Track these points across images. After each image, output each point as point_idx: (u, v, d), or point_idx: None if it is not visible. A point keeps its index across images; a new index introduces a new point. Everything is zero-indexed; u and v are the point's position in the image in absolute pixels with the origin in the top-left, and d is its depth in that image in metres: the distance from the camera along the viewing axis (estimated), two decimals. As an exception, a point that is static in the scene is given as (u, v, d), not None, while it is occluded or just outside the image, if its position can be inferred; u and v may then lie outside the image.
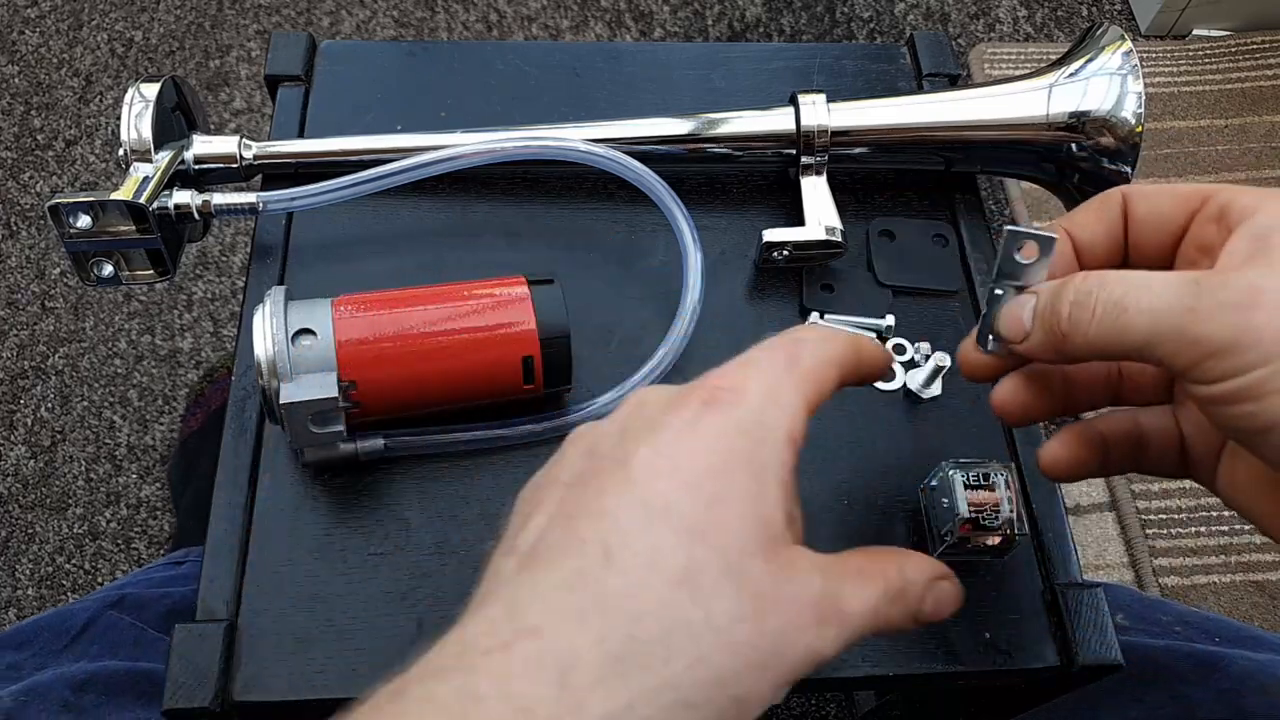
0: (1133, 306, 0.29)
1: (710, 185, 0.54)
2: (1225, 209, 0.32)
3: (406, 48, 0.59)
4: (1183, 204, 0.33)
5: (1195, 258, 0.33)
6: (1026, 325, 0.33)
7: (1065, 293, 0.32)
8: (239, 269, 1.11)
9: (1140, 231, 0.35)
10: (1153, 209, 0.34)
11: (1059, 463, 0.37)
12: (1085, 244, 0.36)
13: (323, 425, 0.40)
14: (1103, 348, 0.31)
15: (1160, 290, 0.29)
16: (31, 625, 0.53)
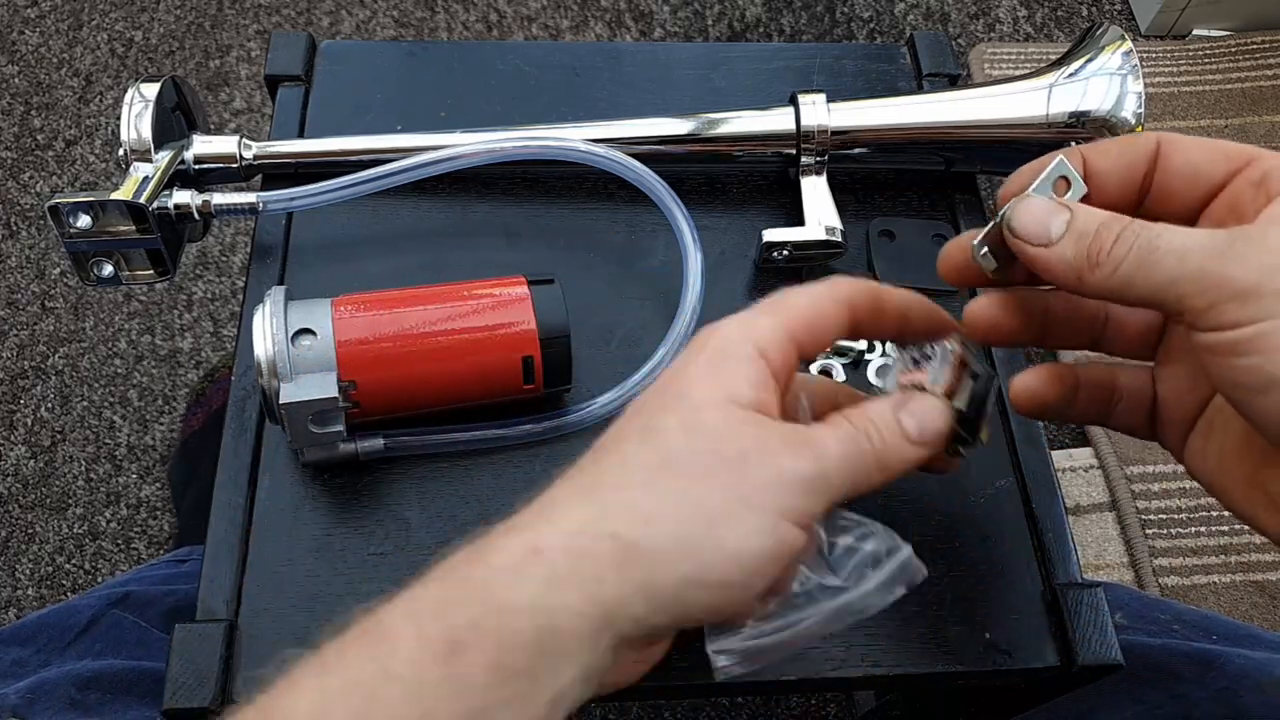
0: (1163, 246, 0.29)
1: (710, 185, 0.54)
2: (1269, 174, 0.31)
3: (406, 48, 0.59)
4: (1224, 162, 0.32)
5: (1224, 218, 0.32)
6: (1053, 234, 0.32)
7: (1111, 224, 0.31)
8: (239, 269, 1.11)
9: (1172, 183, 0.34)
10: (1190, 161, 0.33)
11: (1027, 392, 0.37)
12: (1099, 175, 0.34)
13: (323, 425, 0.40)
14: (1124, 287, 0.30)
15: (1193, 234, 0.29)
16: (35, 621, 0.54)
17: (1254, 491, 0.33)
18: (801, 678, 0.40)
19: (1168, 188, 0.34)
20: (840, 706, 0.90)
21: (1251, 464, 0.33)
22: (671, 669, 0.40)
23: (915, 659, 0.41)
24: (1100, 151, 0.35)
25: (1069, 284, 0.33)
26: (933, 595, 0.42)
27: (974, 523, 0.44)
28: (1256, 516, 0.33)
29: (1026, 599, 0.43)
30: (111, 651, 0.52)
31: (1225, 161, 0.32)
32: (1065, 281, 0.33)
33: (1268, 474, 0.32)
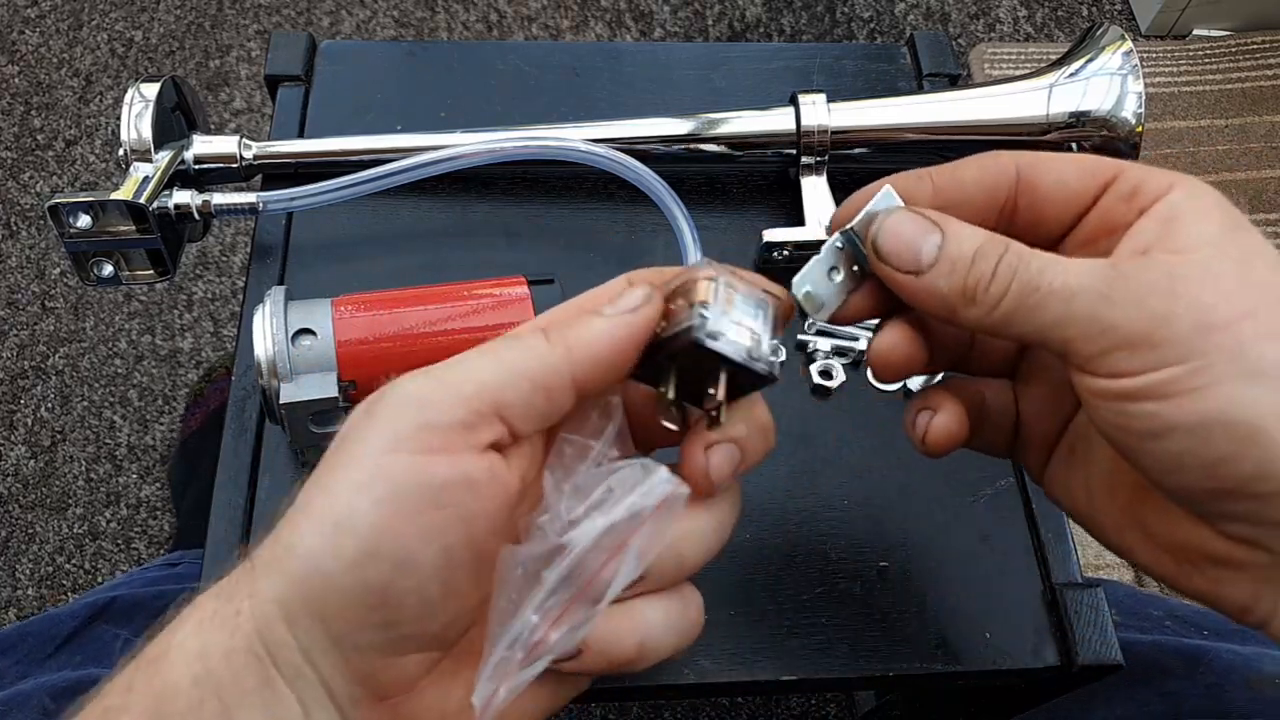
0: (1046, 285, 0.27)
1: (710, 185, 0.54)
2: (1138, 187, 0.29)
3: (406, 48, 0.59)
4: (1091, 177, 0.30)
5: (1097, 234, 0.30)
6: (924, 260, 0.29)
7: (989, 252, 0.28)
8: (239, 269, 1.11)
9: (1042, 204, 0.31)
10: (1060, 181, 0.30)
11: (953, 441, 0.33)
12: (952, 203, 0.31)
13: (323, 425, 0.40)
14: (1003, 325, 0.28)
15: (1077, 271, 0.27)
16: (17, 631, 0.53)
17: (1128, 524, 0.31)
18: (801, 678, 0.40)
19: (1038, 209, 0.31)
20: (840, 706, 0.90)
21: (1124, 497, 0.31)
22: (671, 669, 0.40)
23: (915, 659, 0.41)
24: (952, 177, 0.31)
25: (940, 316, 0.30)
26: (933, 595, 0.42)
27: (974, 523, 0.44)
28: (1130, 549, 0.31)
29: (1026, 599, 0.43)
30: (92, 662, 0.51)
31: (1093, 178, 0.30)
32: (936, 314, 0.30)
33: (1144, 509, 0.30)
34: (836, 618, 0.42)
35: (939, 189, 0.31)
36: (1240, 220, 0.28)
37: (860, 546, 0.43)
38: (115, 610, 0.55)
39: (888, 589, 0.42)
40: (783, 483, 0.45)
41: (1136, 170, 0.29)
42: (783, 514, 0.44)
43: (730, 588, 0.42)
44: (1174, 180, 0.29)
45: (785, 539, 0.43)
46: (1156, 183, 0.29)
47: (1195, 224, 0.27)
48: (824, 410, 0.47)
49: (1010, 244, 0.28)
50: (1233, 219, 0.28)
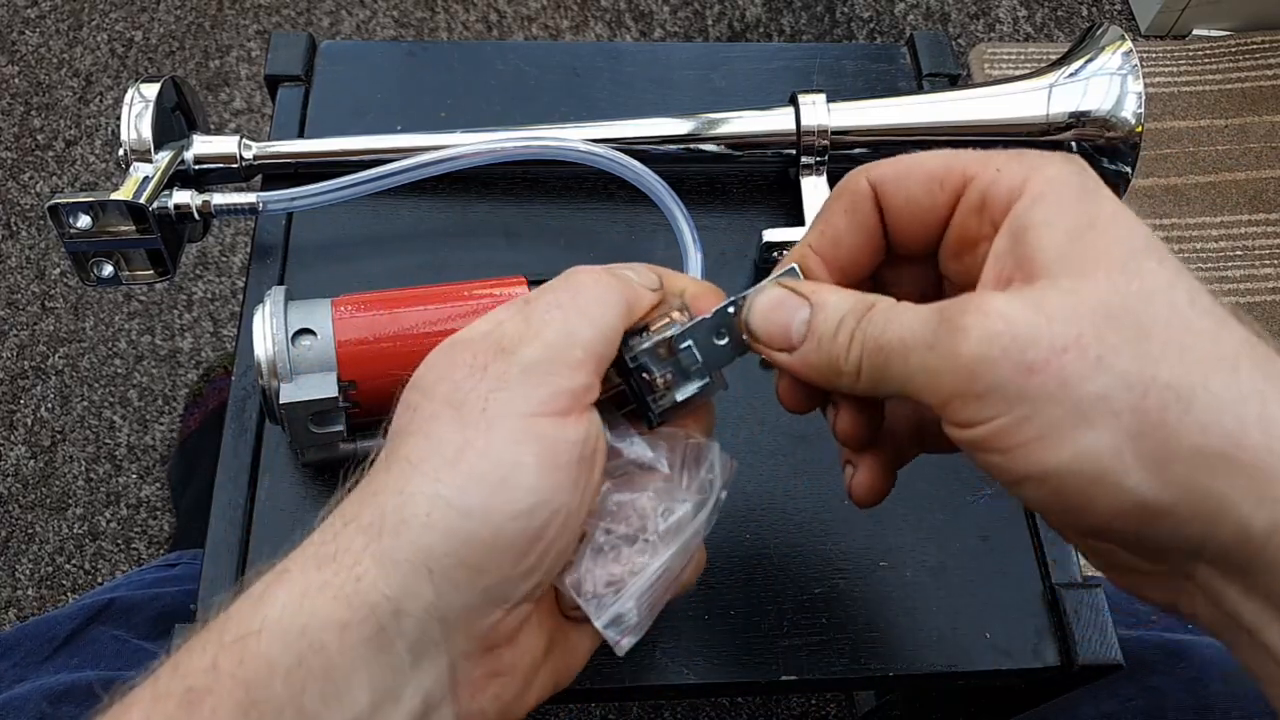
0: (886, 343, 0.27)
1: (710, 185, 0.54)
2: (987, 196, 0.27)
3: (406, 48, 0.59)
4: (937, 188, 0.29)
5: (960, 251, 0.29)
6: (795, 336, 0.29)
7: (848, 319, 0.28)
8: (239, 269, 1.11)
9: (899, 224, 0.30)
10: (909, 199, 0.29)
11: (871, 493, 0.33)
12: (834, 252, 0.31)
13: (323, 425, 0.40)
14: (874, 389, 0.28)
15: (909, 323, 0.26)
16: (14, 634, 0.53)
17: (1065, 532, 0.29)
18: (801, 678, 0.40)
19: (899, 230, 0.30)
20: (840, 706, 0.90)
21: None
22: (671, 669, 0.40)
23: (915, 659, 0.41)
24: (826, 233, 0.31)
25: (823, 387, 0.30)
26: (933, 595, 0.42)
27: (974, 523, 0.44)
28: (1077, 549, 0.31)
29: (1026, 599, 0.43)
30: (89, 664, 0.51)
31: (940, 188, 0.28)
32: (821, 386, 0.30)
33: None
34: (836, 618, 0.42)
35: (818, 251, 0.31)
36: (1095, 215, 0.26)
37: (860, 546, 0.43)
38: (113, 612, 0.55)
39: (888, 589, 0.42)
40: (783, 483, 0.45)
41: (985, 173, 0.28)
42: (783, 514, 0.44)
43: (730, 588, 0.42)
44: (1026, 175, 0.27)
45: (785, 539, 0.43)
46: (1007, 186, 0.27)
47: (1041, 236, 0.26)
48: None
49: (874, 304, 0.28)
50: (1085, 216, 0.26)
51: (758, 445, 0.46)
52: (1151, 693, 0.45)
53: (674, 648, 0.40)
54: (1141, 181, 1.17)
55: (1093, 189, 0.26)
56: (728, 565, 0.43)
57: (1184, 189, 1.17)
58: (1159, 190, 1.17)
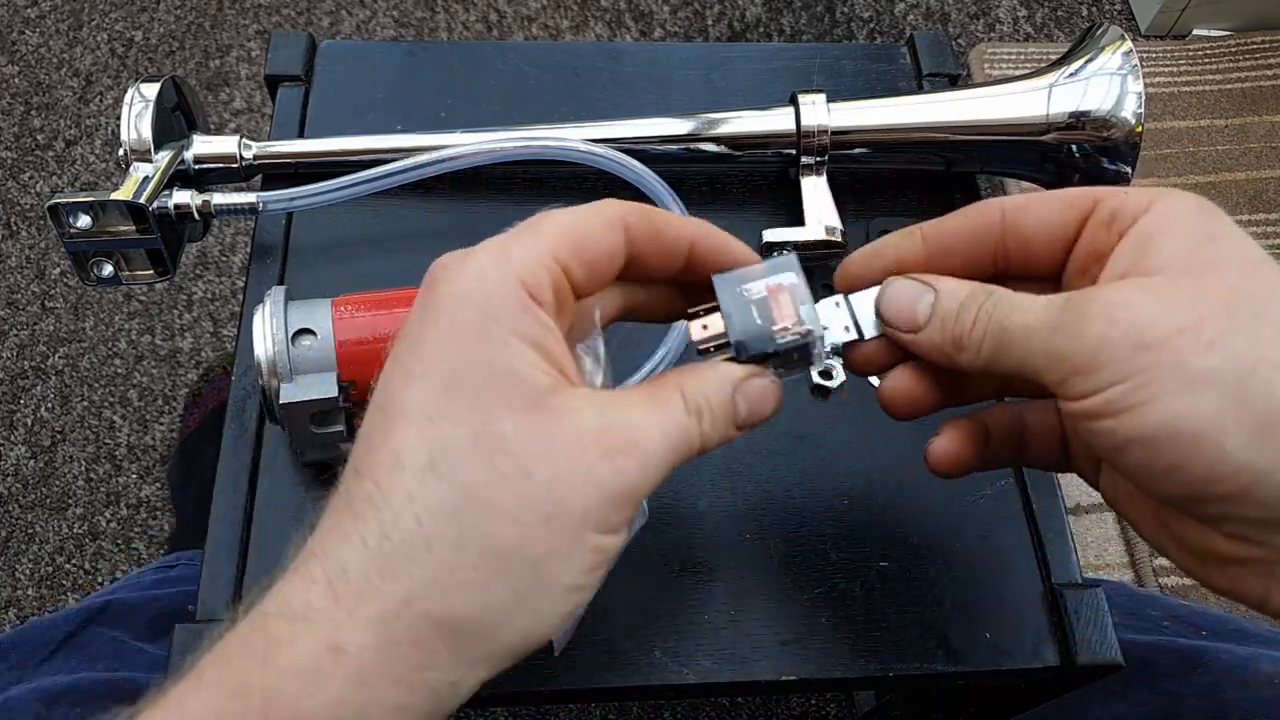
0: (1011, 325, 0.30)
1: (710, 185, 0.54)
2: (1116, 212, 0.30)
3: (406, 48, 0.59)
4: (1070, 210, 0.32)
5: (1088, 264, 0.32)
6: (920, 318, 0.32)
7: (970, 303, 0.31)
8: (239, 269, 1.11)
9: (1028, 244, 0.33)
10: (1042, 220, 0.32)
11: (946, 457, 0.35)
12: (940, 253, 0.33)
13: (323, 425, 0.40)
14: (991, 365, 0.30)
15: (1034, 309, 0.30)
16: (12, 636, 0.53)
17: (1158, 527, 0.32)
18: (801, 678, 0.40)
19: (1029, 249, 0.33)
20: (840, 706, 0.90)
21: (1149, 504, 0.32)
22: (671, 669, 0.40)
23: (915, 659, 0.41)
24: (939, 230, 0.34)
25: (946, 365, 0.32)
26: (933, 595, 0.42)
27: (974, 523, 0.44)
28: (1166, 550, 0.32)
29: (1026, 599, 0.43)
30: (86, 666, 0.51)
31: (1073, 210, 0.32)
32: (942, 363, 0.32)
33: (1164, 514, 0.31)
34: (836, 618, 0.42)
35: (927, 240, 0.34)
36: (1215, 230, 0.29)
37: (860, 546, 0.43)
38: (111, 613, 0.55)
39: (888, 589, 0.42)
40: (783, 483, 0.45)
41: (1115, 196, 0.31)
42: (783, 514, 0.44)
43: (730, 587, 0.42)
44: (1152, 199, 0.30)
45: (785, 539, 0.43)
46: (1134, 204, 0.30)
47: (1165, 243, 0.29)
48: (824, 410, 0.47)
49: (993, 292, 0.31)
50: (1205, 231, 0.29)
51: (758, 445, 0.46)
52: (1167, 698, 0.45)
53: (674, 648, 0.40)
54: (1141, 181, 1.17)
55: (1213, 211, 0.29)
56: (727, 565, 0.43)
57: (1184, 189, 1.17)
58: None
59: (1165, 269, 0.28)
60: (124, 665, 0.52)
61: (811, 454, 0.46)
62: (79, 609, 0.55)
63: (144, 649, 0.54)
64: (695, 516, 0.44)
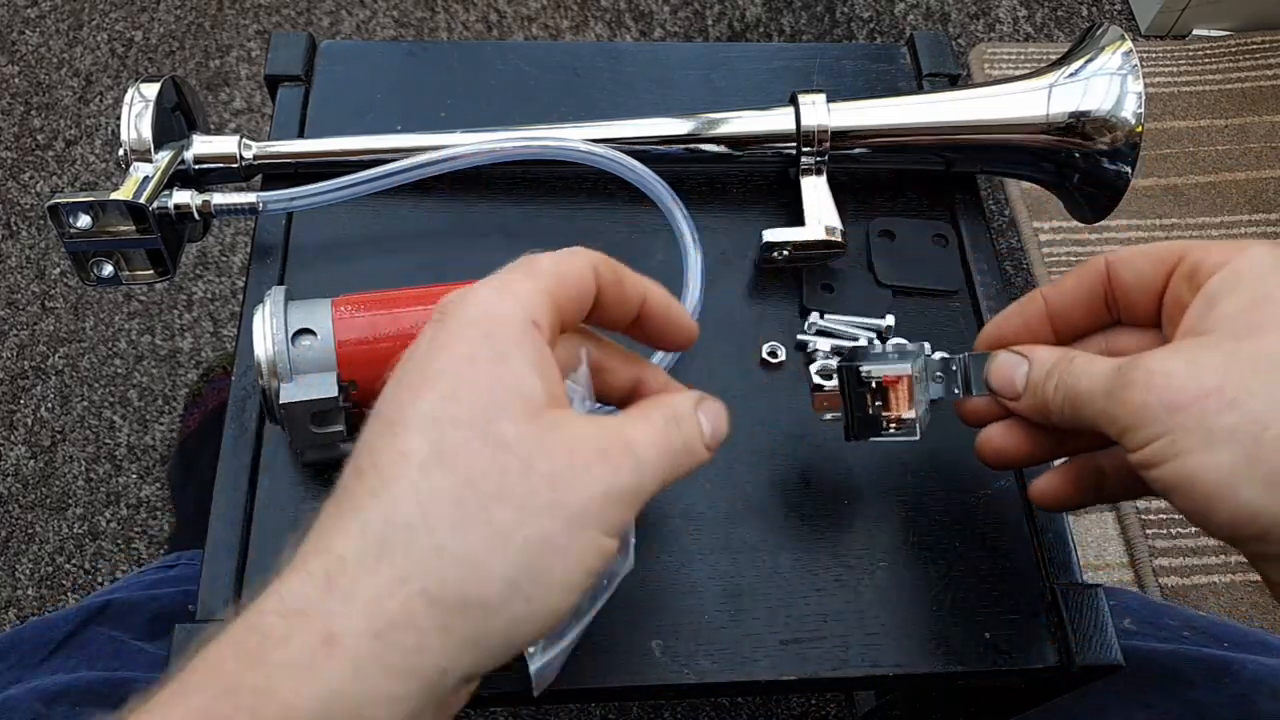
0: (1079, 387, 0.34)
1: (710, 185, 0.54)
2: (1196, 267, 0.34)
3: (406, 48, 0.59)
4: (1160, 264, 0.35)
5: (1174, 314, 0.35)
6: (1019, 387, 0.37)
7: (1054, 372, 0.35)
8: (239, 269, 1.11)
9: (1129, 296, 0.37)
10: (1137, 274, 0.36)
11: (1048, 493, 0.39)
12: (1061, 310, 0.38)
13: (323, 425, 0.40)
14: (1074, 423, 0.35)
15: (1096, 373, 0.33)
16: (11, 636, 0.53)
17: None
18: (801, 678, 0.40)
19: (1129, 301, 0.37)
20: (840, 706, 0.90)
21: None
22: (671, 669, 0.40)
23: (915, 659, 0.41)
24: (1059, 291, 0.38)
25: (1043, 423, 0.37)
26: (932, 595, 0.42)
27: (974, 523, 0.44)
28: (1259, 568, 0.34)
29: (1026, 599, 0.43)
30: (85, 665, 0.51)
31: (1162, 264, 0.35)
32: (1040, 421, 0.37)
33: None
34: (836, 618, 0.42)
35: (1048, 301, 0.39)
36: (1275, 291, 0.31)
37: (860, 546, 0.43)
38: (110, 613, 0.55)
39: (887, 589, 0.42)
40: (782, 483, 0.45)
41: (1197, 250, 0.34)
42: (782, 514, 0.44)
43: (730, 588, 0.42)
44: (1230, 254, 0.33)
45: (785, 539, 0.43)
46: (1213, 260, 0.33)
47: (1226, 302, 0.32)
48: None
49: (1074, 359, 0.35)
50: (1266, 291, 0.31)
51: (757, 445, 0.46)
52: (1192, 706, 0.45)
53: (674, 648, 0.40)
54: (1141, 181, 1.17)
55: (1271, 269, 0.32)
56: (728, 565, 0.43)
57: (1184, 189, 1.17)
58: (1159, 190, 1.17)
59: (1218, 328, 0.32)
60: (124, 665, 0.52)
61: (811, 454, 0.46)
62: (79, 609, 0.55)
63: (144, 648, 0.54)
64: (695, 516, 0.44)
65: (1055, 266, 1.11)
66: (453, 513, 0.26)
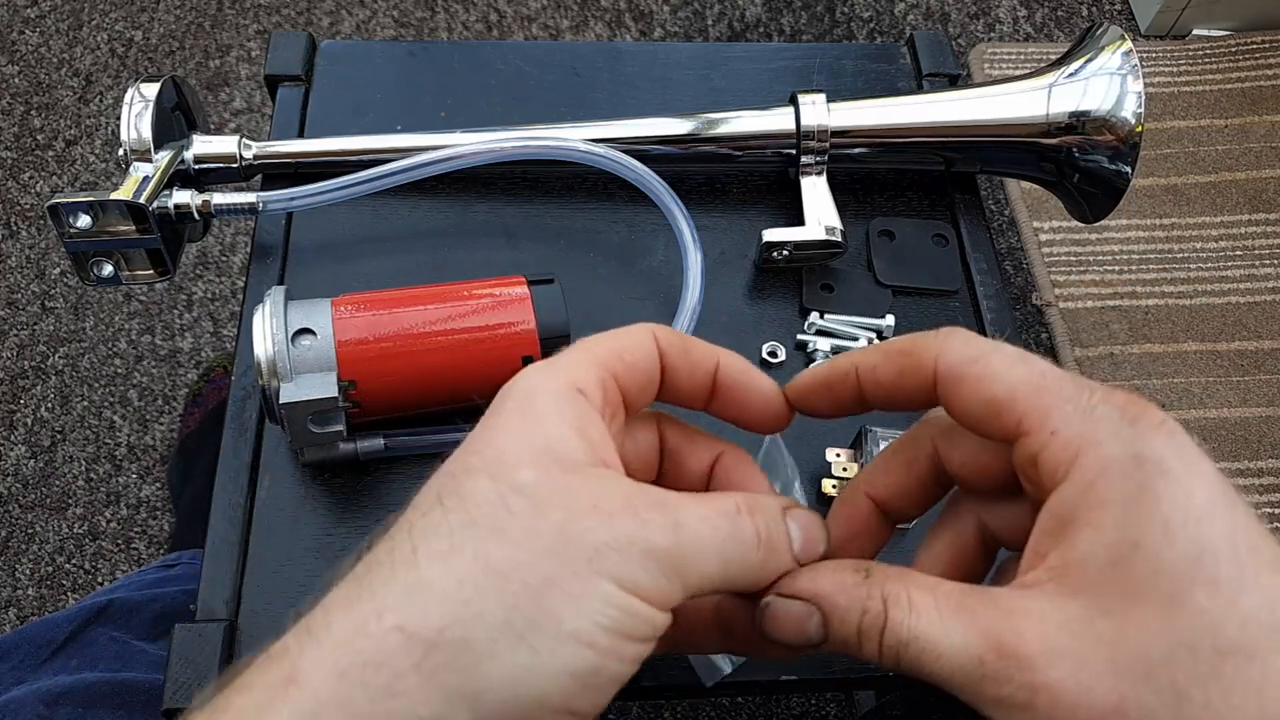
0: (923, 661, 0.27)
1: (710, 185, 0.54)
2: (1040, 459, 0.27)
3: (406, 48, 0.59)
4: (998, 422, 0.28)
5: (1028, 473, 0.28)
6: (815, 638, 0.28)
7: (866, 629, 0.27)
8: (239, 269, 1.11)
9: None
10: (966, 413, 0.28)
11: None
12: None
13: (323, 425, 0.40)
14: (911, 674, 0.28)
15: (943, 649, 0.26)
16: (14, 637, 0.53)
17: None
18: (801, 678, 0.40)
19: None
20: (840, 706, 0.90)
21: None
22: (669, 669, 0.40)
23: (915, 659, 0.41)
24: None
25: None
26: (933, 595, 0.42)
27: (974, 523, 0.44)
28: None
29: (1026, 599, 0.42)
30: (87, 666, 0.51)
31: (999, 423, 0.28)
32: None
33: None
34: (836, 618, 0.41)
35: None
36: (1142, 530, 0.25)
37: (860, 546, 0.43)
38: (111, 613, 0.55)
39: (888, 589, 0.42)
40: (783, 483, 0.45)
41: (1038, 436, 0.27)
42: (783, 514, 0.44)
43: (730, 588, 0.42)
44: (1077, 450, 0.26)
45: (785, 539, 0.43)
46: (1057, 458, 0.26)
47: (1082, 539, 0.25)
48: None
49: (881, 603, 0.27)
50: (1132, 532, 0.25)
51: (756, 447, 0.46)
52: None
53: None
54: (1141, 181, 1.17)
55: (1148, 483, 0.25)
56: (728, 565, 0.42)
57: (1184, 189, 1.17)
58: (1159, 190, 1.17)
59: (1084, 586, 0.25)
60: (125, 665, 0.52)
61: (809, 454, 0.46)
62: (80, 608, 0.55)
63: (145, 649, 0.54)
64: (695, 516, 0.44)
65: (1055, 266, 1.11)
66: (443, 545, 0.24)
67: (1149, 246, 1.13)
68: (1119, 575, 0.25)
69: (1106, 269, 1.11)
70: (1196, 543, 0.24)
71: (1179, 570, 0.24)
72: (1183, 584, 0.24)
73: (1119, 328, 1.08)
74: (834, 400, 0.32)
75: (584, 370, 0.28)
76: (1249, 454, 1.01)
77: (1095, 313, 1.09)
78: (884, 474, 0.32)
